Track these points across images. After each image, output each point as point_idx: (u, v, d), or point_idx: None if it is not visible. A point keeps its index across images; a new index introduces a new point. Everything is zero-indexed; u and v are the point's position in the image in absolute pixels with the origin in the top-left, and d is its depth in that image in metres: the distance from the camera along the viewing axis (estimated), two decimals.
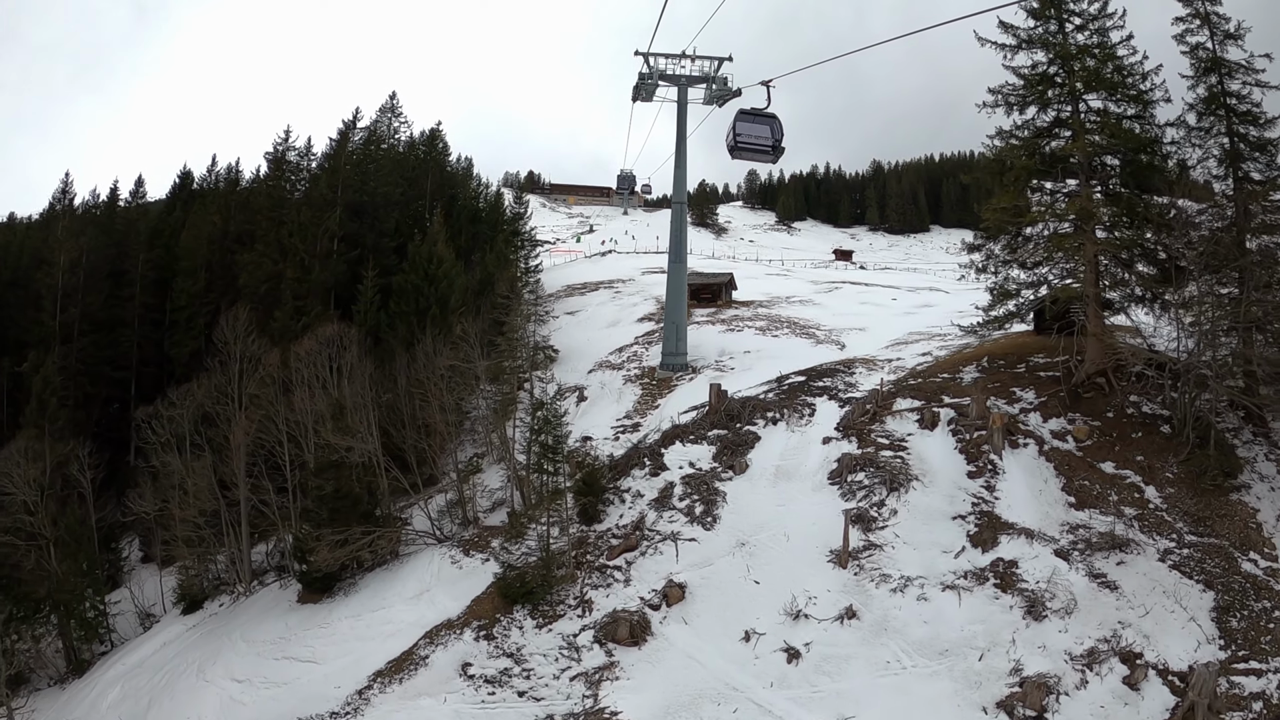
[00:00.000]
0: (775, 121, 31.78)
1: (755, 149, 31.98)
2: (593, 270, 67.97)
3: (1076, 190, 28.48)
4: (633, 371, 38.97)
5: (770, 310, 48.03)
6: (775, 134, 31.73)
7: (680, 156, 39.57)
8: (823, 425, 27.64)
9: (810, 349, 38.57)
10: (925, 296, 55.27)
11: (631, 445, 31.17)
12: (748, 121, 31.62)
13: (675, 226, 39.54)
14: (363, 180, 49.06)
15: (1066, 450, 25.05)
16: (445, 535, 31.03)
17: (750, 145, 31.83)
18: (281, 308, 39.69)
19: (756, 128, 31.65)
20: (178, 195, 64.70)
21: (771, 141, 31.80)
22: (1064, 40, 28.26)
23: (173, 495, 35.05)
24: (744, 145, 31.80)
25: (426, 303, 36.09)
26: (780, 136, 31.82)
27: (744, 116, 31.63)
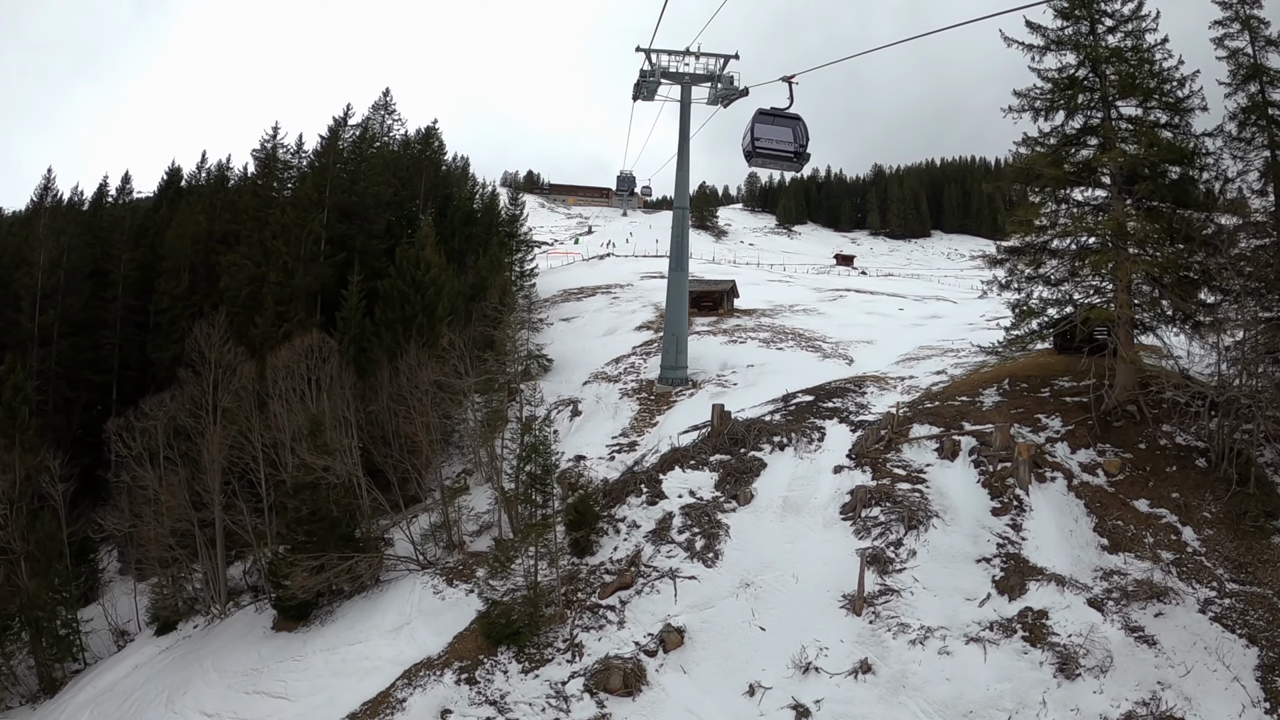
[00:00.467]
0: (799, 124, 27.25)
1: (776, 155, 27.27)
2: (590, 274, 65.85)
3: (1106, 202, 26.56)
4: (630, 385, 36.90)
5: (774, 320, 45.99)
6: (799, 138, 27.34)
7: (683, 159, 37.52)
8: (833, 452, 25.60)
9: (817, 363, 36.54)
10: (932, 307, 53.28)
11: (627, 468, 29.14)
12: (767, 124, 27.08)
13: (676, 232, 37.49)
14: (352, 180, 46.92)
15: (1097, 486, 23.04)
16: (428, 561, 29.02)
17: (770, 151, 27.13)
18: (262, 313, 37.62)
19: (777, 130, 27.14)
20: (165, 193, 62.72)
21: (794, 147, 27.34)
22: (1095, 42, 26.27)
23: (145, 512, 33.19)
24: (763, 150, 27.10)
25: (413, 311, 34.00)
26: (805, 141, 27.36)
27: (764, 118, 27.04)
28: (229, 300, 41.11)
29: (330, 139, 50.06)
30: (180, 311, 46.92)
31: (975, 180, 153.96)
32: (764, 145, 27.00)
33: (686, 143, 37.38)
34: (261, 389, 30.24)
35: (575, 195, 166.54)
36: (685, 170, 37.74)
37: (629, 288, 58.29)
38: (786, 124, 27.18)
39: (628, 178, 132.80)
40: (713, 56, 36.12)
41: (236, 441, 30.71)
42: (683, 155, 37.45)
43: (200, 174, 63.28)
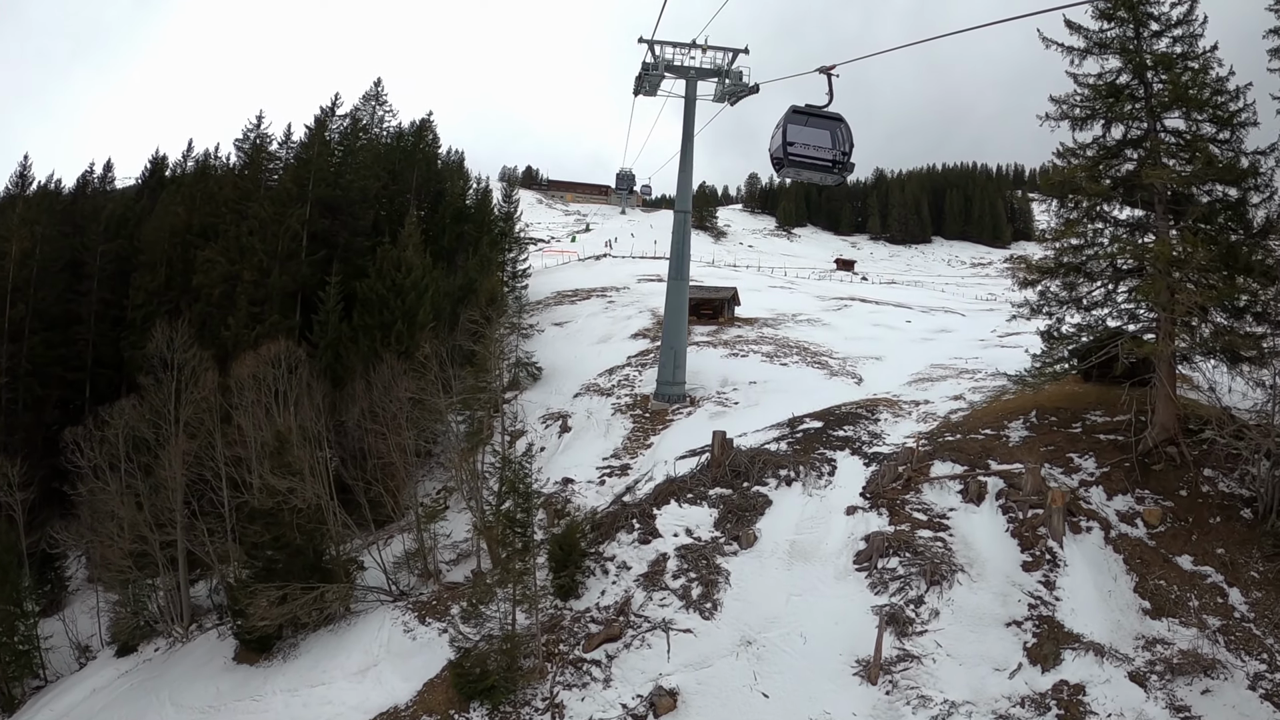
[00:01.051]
0: (841, 126, 21.61)
1: (811, 164, 21.54)
2: (586, 275, 63.25)
3: (1146, 221, 24.22)
4: (624, 399, 34.43)
5: (777, 331, 43.53)
6: (840, 143, 21.60)
7: (686, 159, 34.94)
8: (846, 489, 23.18)
9: (823, 381, 34.10)
10: (941, 319, 50.88)
11: (618, 496, 26.74)
12: (802, 124, 21.38)
13: (677, 238, 34.98)
14: (337, 173, 44.31)
15: (1137, 538, 20.69)
16: (401, 591, 26.67)
17: (805, 159, 21.46)
18: (235, 314, 35.06)
19: (814, 134, 21.53)
20: (147, 182, 60.04)
21: (834, 154, 21.65)
22: (1140, 47, 23.84)
23: (104, 527, 30.84)
24: (797, 158, 21.39)
25: (391, 316, 31.44)
26: (848, 148, 21.59)
27: (798, 117, 21.36)
28: (203, 299, 38.60)
29: (316, 130, 47.44)
30: (155, 308, 44.32)
31: (977, 186, 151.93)
32: (798, 152, 21.37)
33: (690, 142, 34.86)
34: (225, 400, 27.70)
35: (574, 192, 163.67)
36: (688, 171, 35.23)
37: (625, 291, 55.75)
38: (825, 126, 21.54)
39: (627, 175, 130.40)
40: (720, 50, 33.54)
41: (199, 456, 28.25)
42: (686, 155, 34.92)
43: (186, 163, 60.72)
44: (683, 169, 35.02)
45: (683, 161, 34.94)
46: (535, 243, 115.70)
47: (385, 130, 59.13)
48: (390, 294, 31.68)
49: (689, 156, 34.87)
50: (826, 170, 21.96)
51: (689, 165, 34.99)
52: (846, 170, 21.56)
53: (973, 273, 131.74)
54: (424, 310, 31.62)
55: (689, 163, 34.93)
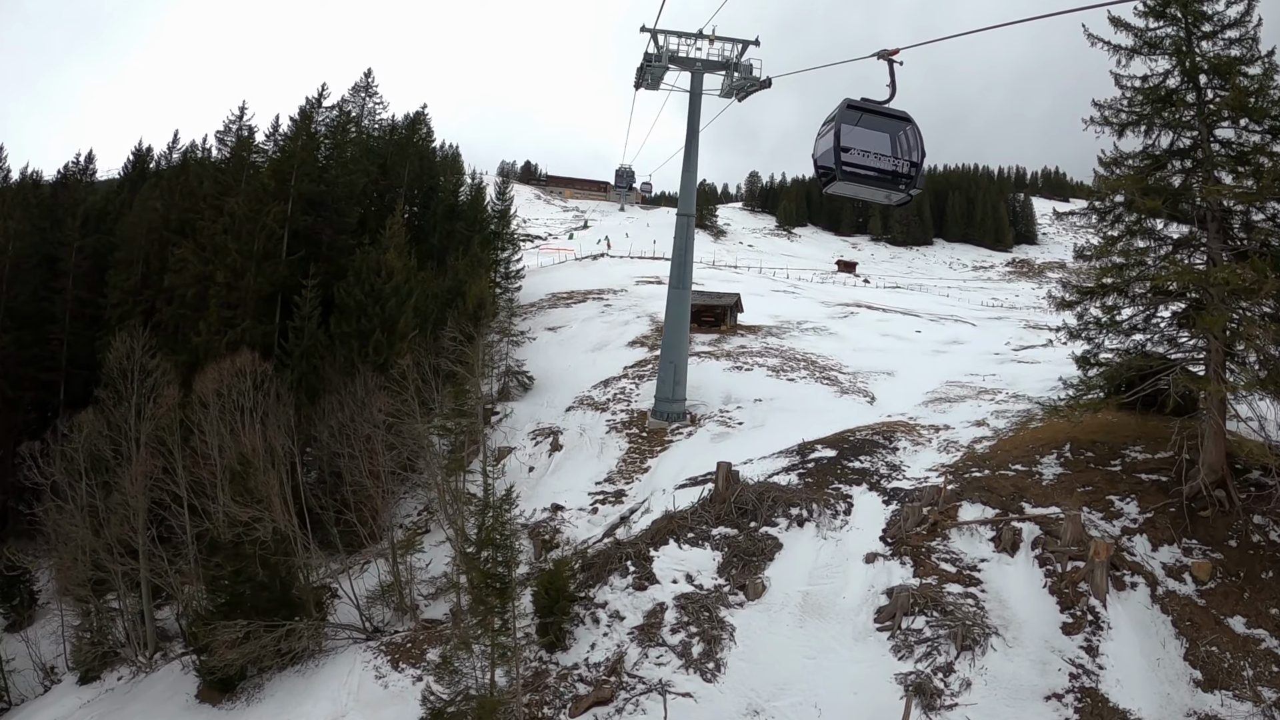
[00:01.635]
0: (909, 128, 14.98)
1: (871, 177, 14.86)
2: (582, 276, 60.84)
3: (1192, 239, 22.01)
4: (619, 415, 32.13)
5: (782, 341, 41.24)
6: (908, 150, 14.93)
7: (690, 157, 32.49)
8: (864, 531, 20.91)
9: (834, 400, 31.84)
10: (951, 329, 48.65)
11: (611, 527, 24.52)
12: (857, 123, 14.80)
13: (679, 243, 32.62)
14: (321, 168, 41.84)
15: (1185, 596, 18.45)
16: (376, 628, 24.46)
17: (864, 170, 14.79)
18: (206, 318, 32.65)
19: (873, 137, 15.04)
20: (129, 175, 57.59)
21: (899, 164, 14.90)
22: (1191, 48, 21.56)
23: (62, 548, 28.70)
24: (854, 169, 14.69)
25: (370, 325, 29.01)
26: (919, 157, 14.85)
27: (853, 114, 14.89)
28: (176, 301, 36.22)
29: (301, 122, 44.95)
30: (131, 308, 42.05)
31: (979, 189, 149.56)
32: (855, 161, 14.58)
33: (695, 140, 32.41)
34: (188, 417, 25.37)
35: (573, 188, 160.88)
36: (693, 171, 32.82)
37: (623, 294, 53.40)
38: (887, 127, 14.88)
39: (626, 172, 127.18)
40: (729, 41, 31.04)
41: (159, 479, 25.93)
42: (690, 154, 32.48)
43: (172, 155, 58.28)
44: (686, 168, 32.66)
45: (686, 160, 32.56)
46: (532, 240, 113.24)
47: (377, 123, 56.70)
48: (369, 300, 29.28)
49: (693, 155, 32.48)
50: (889, 185, 14.95)
51: (693, 164, 32.61)
52: (914, 186, 14.79)
53: (975, 276, 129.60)
54: (405, 318, 29.23)
55: (693, 162, 32.55)
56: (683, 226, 32.44)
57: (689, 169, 32.60)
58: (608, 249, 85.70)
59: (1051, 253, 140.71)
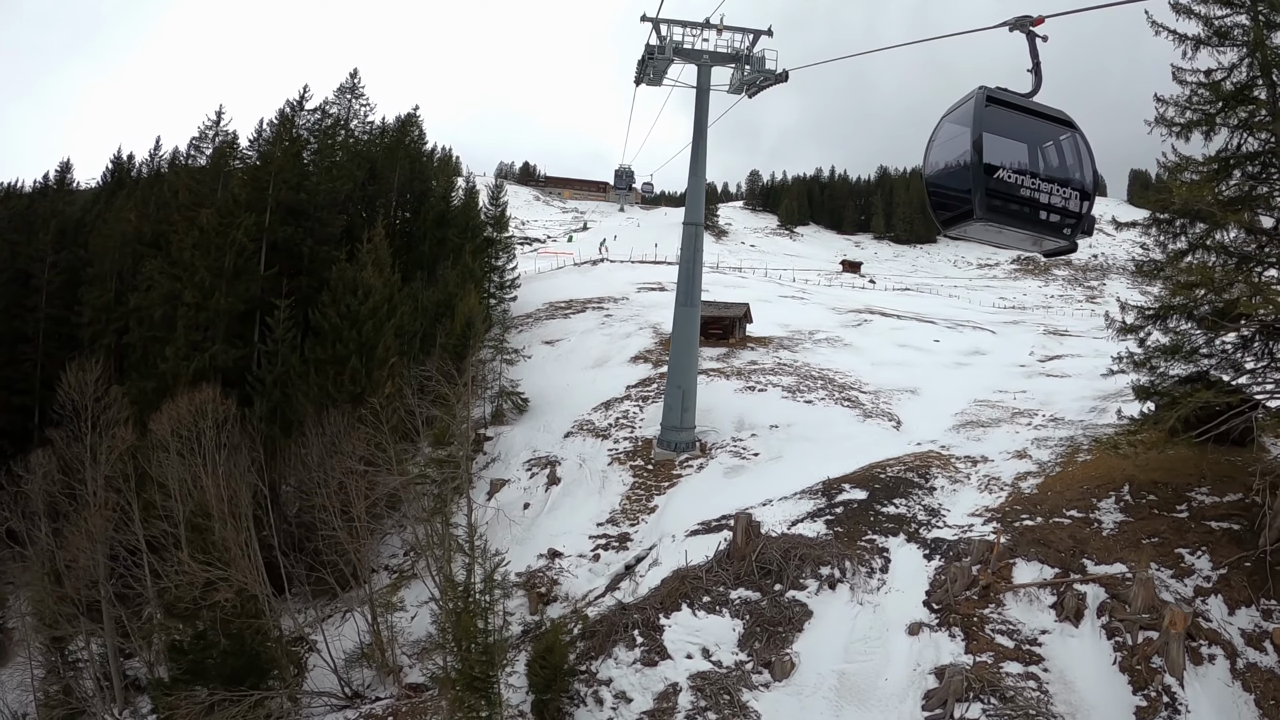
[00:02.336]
0: (1072, 136, 9.26)
1: (1025, 211, 8.93)
2: (581, 283, 57.89)
3: (1259, 254, 19.31)
4: (623, 444, 29.31)
5: (795, 355, 38.37)
6: (1070, 168, 9.15)
7: (698, 160, 29.43)
8: (905, 593, 18.12)
9: (856, 425, 29.00)
10: (970, 338, 45.79)
11: (615, 579, 21.76)
12: (999, 129, 8.97)
13: (687, 255, 29.75)
14: (301, 176, 39.03)
15: (1267, 669, 15.67)
16: (355, 693, 21.81)
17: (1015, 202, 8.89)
18: (174, 342, 29.85)
19: (1018, 149, 9.07)
20: (107, 185, 54.85)
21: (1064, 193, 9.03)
22: (1262, 38, 18.80)
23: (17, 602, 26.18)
24: (1003, 199, 8.84)
25: (345, 350, 26.13)
26: (1090, 180, 9.14)
27: (997, 112, 8.97)
28: (144, 322, 33.48)
29: (281, 126, 42.22)
30: (104, 327, 39.48)
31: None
32: (1005, 190, 8.88)
33: (703, 140, 29.34)
34: (141, 461, 22.64)
35: (571, 189, 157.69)
36: (700, 176, 29.83)
37: (624, 303, 50.49)
38: (1039, 134, 9.27)
39: (626, 172, 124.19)
40: (738, 31, 27.98)
41: (119, 527, 23.21)
42: (698, 156, 29.40)
43: (155, 163, 55.40)
44: (693, 172, 29.67)
45: (694, 163, 29.53)
46: (530, 242, 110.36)
47: (368, 125, 53.97)
48: (344, 323, 26.40)
49: (701, 157, 29.46)
50: (1047, 229, 9.22)
51: (701, 167, 29.58)
52: (1082, 229, 9.25)
53: (980, 274, 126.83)
54: (385, 343, 26.35)
55: (701, 164, 29.53)
56: (690, 236, 29.50)
57: (696, 172, 29.66)
58: (606, 253, 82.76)
59: None
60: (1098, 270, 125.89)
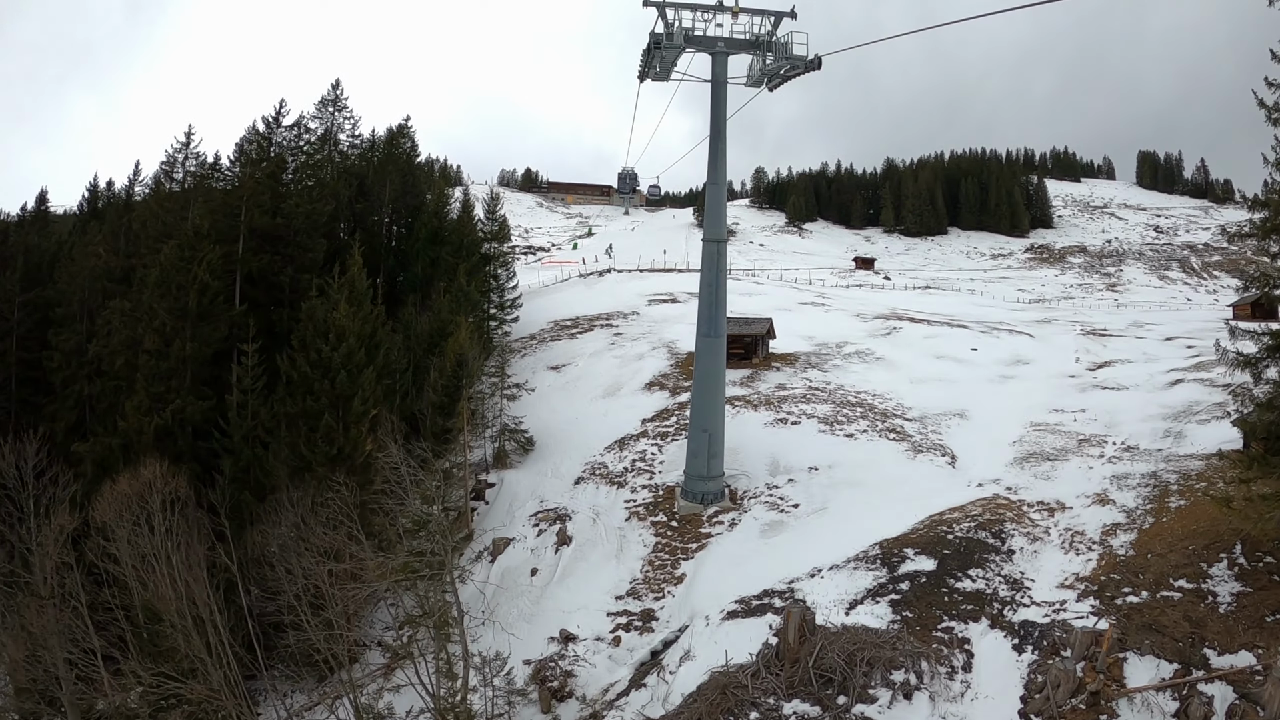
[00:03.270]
0: None
1: None
2: (587, 297, 54.29)
3: None
4: (641, 493, 25.63)
5: (826, 375, 34.60)
6: None
7: (716, 164, 25.31)
8: (996, 700, 14.41)
9: (906, 463, 25.25)
10: (1008, 344, 41.91)
11: (640, 672, 18.09)
12: None
13: (709, 277, 25.71)
14: (278, 198, 35.47)
15: None
16: None
17: None
18: (133, 396, 26.31)
19: None
20: (83, 215, 51.44)
21: None
22: None
23: None
24: None
25: (317, 405, 22.47)
26: None
27: None
28: (105, 371, 29.99)
29: (258, 145, 38.75)
30: (75, 372, 35.86)
31: (992, 174, 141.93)
32: None
33: (722, 141, 25.17)
34: (88, 553, 19.10)
35: (575, 194, 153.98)
36: (721, 184, 25.90)
37: (634, 318, 46.86)
38: None
39: (629, 175, 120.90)
40: (757, 14, 24.11)
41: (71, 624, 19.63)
42: (717, 160, 25.24)
43: (134, 189, 51.94)
44: (712, 179, 25.68)
45: (712, 169, 25.43)
46: (533, 252, 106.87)
47: (356, 139, 50.55)
48: (314, 373, 22.78)
49: (720, 161, 25.31)
50: None
51: (721, 174, 25.55)
52: None
53: (994, 265, 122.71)
54: (363, 394, 22.65)
55: (720, 170, 25.44)
56: (712, 256, 25.56)
57: (715, 179, 25.70)
58: (610, 256, 79.15)
59: (1069, 236, 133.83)
60: (1114, 256, 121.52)
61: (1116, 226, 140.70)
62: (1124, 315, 60.93)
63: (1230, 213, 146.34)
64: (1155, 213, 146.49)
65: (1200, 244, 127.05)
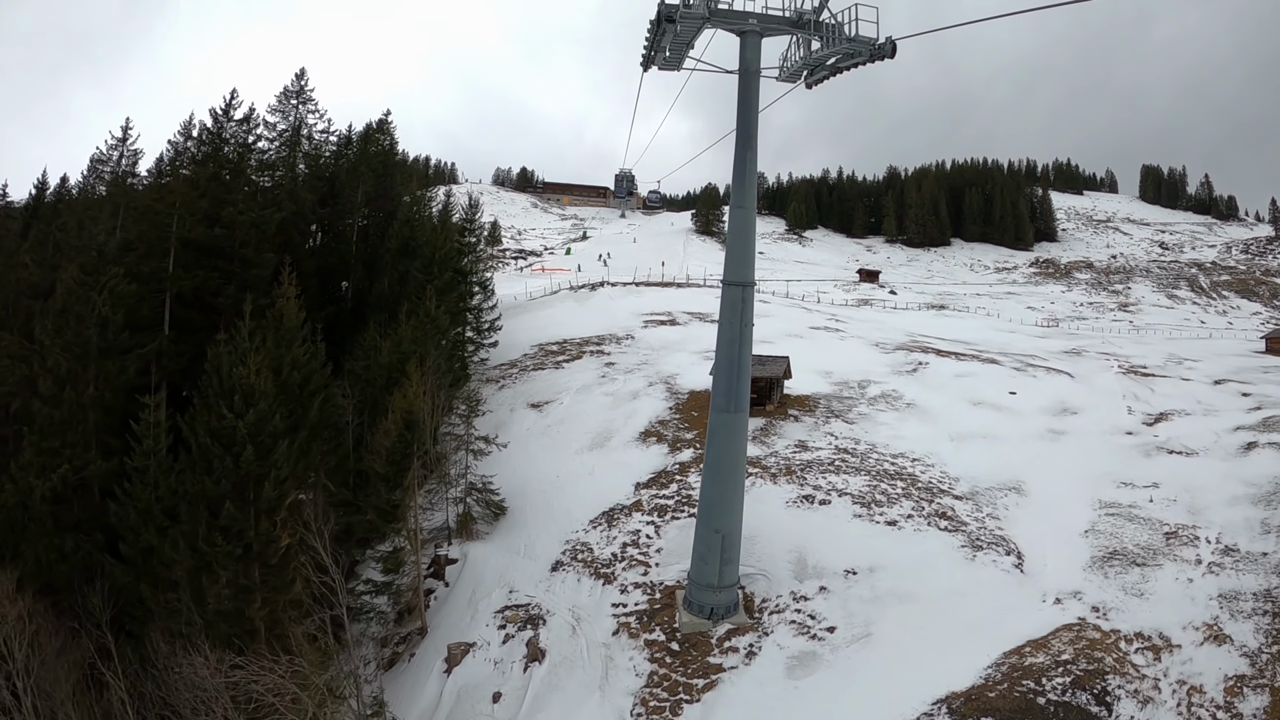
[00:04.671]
0: None
1: None
2: (577, 315, 48.79)
3: None
4: (633, 594, 20.31)
5: (851, 427, 29.32)
6: None
7: (744, 182, 18.83)
8: None
9: (964, 567, 20.02)
10: (1047, 385, 36.67)
11: None
12: None
13: (728, 333, 19.33)
14: (218, 204, 30.02)
15: None
16: None
17: None
18: (20, 456, 20.82)
19: None
20: (28, 221, 45.51)
21: None
22: None
23: None
24: None
25: (218, 487, 16.88)
26: None
27: None
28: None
29: (200, 142, 33.32)
30: None
31: (997, 185, 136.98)
32: None
33: (751, 150, 18.58)
34: None
35: (571, 195, 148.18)
36: (749, 206, 19.10)
37: (628, 343, 41.48)
38: None
39: (626, 177, 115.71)
40: None
41: None
42: (745, 173, 18.69)
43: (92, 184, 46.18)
44: (738, 199, 19.11)
45: (739, 186, 18.95)
46: (524, 256, 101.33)
47: (332, 134, 45.03)
48: (216, 445, 17.13)
49: (749, 175, 18.75)
50: None
51: (749, 192, 18.90)
52: None
53: (999, 278, 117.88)
54: (277, 476, 17.02)
55: (749, 187, 18.84)
56: (734, 304, 19.15)
57: (743, 201, 19.03)
58: (604, 263, 73.76)
59: (1074, 250, 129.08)
60: (1121, 273, 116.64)
61: (1121, 241, 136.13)
62: (1154, 346, 55.93)
63: (1234, 230, 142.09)
64: (1159, 228, 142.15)
65: (1208, 262, 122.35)
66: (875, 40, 16.74)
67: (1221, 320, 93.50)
